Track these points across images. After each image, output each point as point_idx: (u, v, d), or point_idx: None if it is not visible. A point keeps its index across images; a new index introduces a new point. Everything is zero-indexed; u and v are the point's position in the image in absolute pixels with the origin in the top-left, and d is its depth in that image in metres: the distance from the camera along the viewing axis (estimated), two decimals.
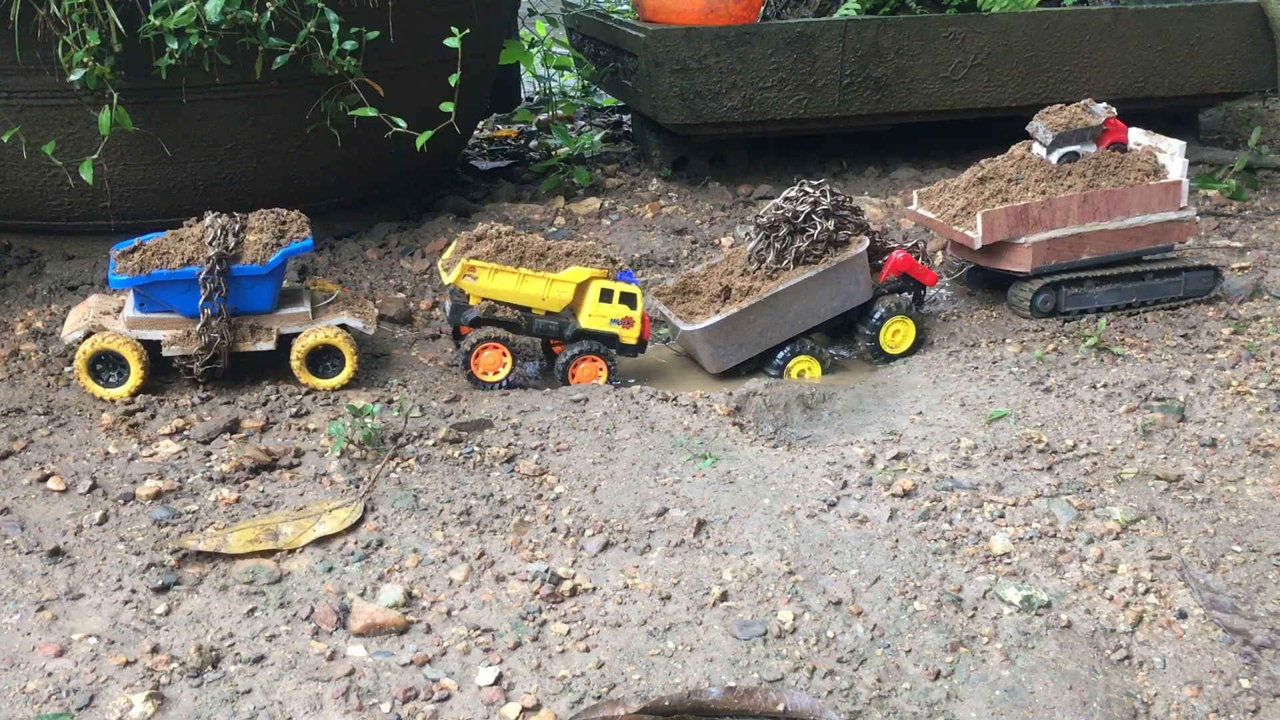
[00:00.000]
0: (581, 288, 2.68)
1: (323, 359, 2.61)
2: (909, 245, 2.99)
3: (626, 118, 5.15)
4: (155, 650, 1.79)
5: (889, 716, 1.65)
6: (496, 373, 2.68)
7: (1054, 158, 3.01)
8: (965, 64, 4.03)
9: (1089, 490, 2.17)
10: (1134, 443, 2.34)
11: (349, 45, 3.00)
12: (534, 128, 5.06)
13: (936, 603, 1.86)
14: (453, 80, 3.10)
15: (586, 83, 5.06)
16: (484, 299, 2.66)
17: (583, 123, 5.23)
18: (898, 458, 2.30)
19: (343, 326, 2.63)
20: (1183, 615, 1.83)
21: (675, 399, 2.58)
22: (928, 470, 2.25)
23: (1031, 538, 2.03)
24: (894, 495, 2.16)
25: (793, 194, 2.86)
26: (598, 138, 4.84)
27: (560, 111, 5.11)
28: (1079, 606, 1.86)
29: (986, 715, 1.65)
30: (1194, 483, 2.18)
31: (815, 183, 2.87)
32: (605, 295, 2.67)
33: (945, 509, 2.12)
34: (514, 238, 2.69)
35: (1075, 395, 2.53)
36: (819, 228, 2.78)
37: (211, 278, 2.49)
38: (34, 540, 2.05)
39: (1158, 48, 4.16)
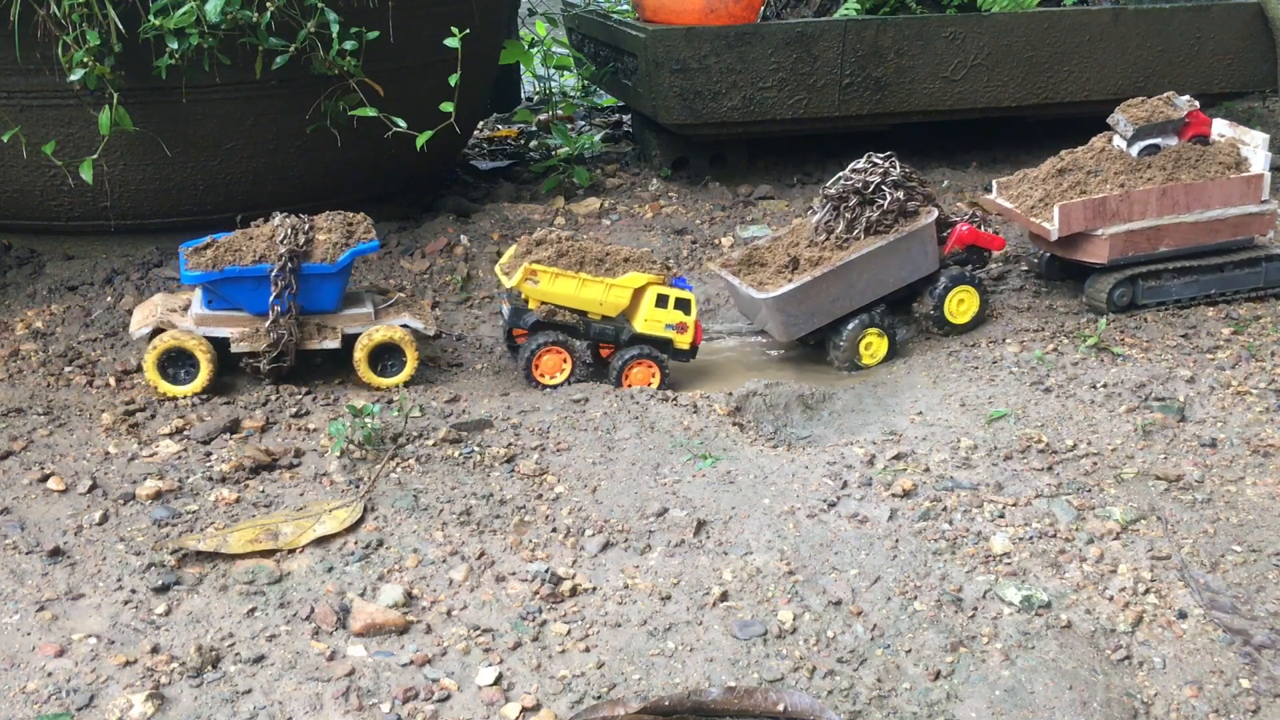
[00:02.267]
0: (638, 293, 2.71)
1: (384, 358, 2.64)
2: (969, 216, 3.01)
3: (626, 118, 5.15)
4: (155, 650, 1.79)
5: (889, 716, 1.65)
6: (555, 376, 2.69)
7: (1134, 150, 3.02)
8: (965, 64, 4.03)
9: (1089, 490, 2.17)
10: (1134, 443, 2.34)
11: (349, 45, 3.00)
12: (534, 128, 5.06)
13: (936, 603, 1.86)
14: (453, 80, 3.10)
15: (586, 83, 5.06)
16: (543, 303, 2.69)
17: (583, 123, 5.23)
18: (898, 458, 2.30)
19: (404, 327, 2.66)
20: (1183, 615, 1.83)
21: (675, 399, 2.58)
22: (928, 470, 2.25)
23: (1031, 538, 2.03)
24: (894, 495, 2.16)
25: (860, 165, 2.89)
26: (598, 138, 4.84)
27: (560, 111, 5.11)
28: (1079, 606, 1.85)
29: (986, 715, 1.65)
30: (1194, 483, 2.18)
31: (883, 155, 2.90)
32: (661, 300, 2.71)
33: (945, 509, 2.12)
34: (573, 243, 2.72)
35: (1075, 395, 2.53)
36: (889, 198, 2.81)
37: (283, 275, 2.52)
38: (34, 540, 2.05)
39: (1158, 48, 4.16)
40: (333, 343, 2.62)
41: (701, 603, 1.87)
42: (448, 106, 3.10)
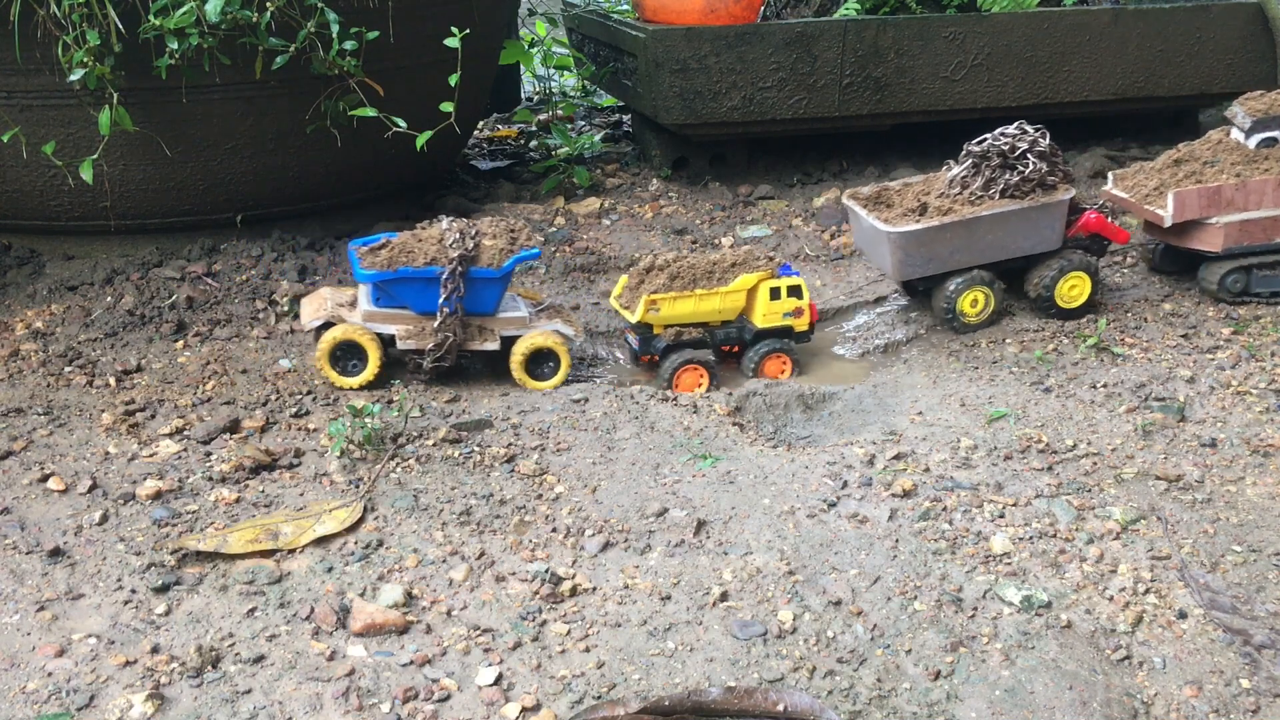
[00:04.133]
0: (751, 292, 2.80)
1: (539, 362, 2.72)
2: (1098, 206, 3.04)
3: (626, 118, 5.15)
4: (155, 650, 1.79)
5: (889, 716, 1.65)
6: (694, 391, 2.73)
7: (1251, 143, 3.03)
8: (965, 64, 4.03)
9: (1089, 490, 2.17)
10: (1134, 443, 2.34)
11: (349, 45, 3.00)
12: (534, 128, 5.06)
13: (936, 603, 1.86)
14: (453, 80, 3.10)
15: (586, 83, 5.06)
16: (666, 325, 2.78)
17: (583, 123, 5.23)
18: (898, 458, 2.30)
19: (557, 333, 2.73)
20: (1183, 615, 1.83)
21: (675, 399, 2.58)
22: (928, 470, 2.25)
23: (1031, 538, 2.03)
24: (894, 495, 2.16)
25: (1010, 131, 2.93)
26: (598, 138, 4.85)
27: (560, 111, 5.12)
28: (1079, 606, 1.85)
29: (986, 715, 1.65)
30: (1194, 483, 2.18)
31: (1035, 126, 2.94)
32: (774, 293, 2.80)
33: (945, 509, 2.12)
34: (682, 263, 2.79)
35: (1075, 395, 2.53)
36: (1032, 165, 2.85)
37: (452, 279, 2.60)
38: (34, 540, 2.05)
39: (1158, 48, 4.16)
40: (493, 345, 2.71)
41: (701, 603, 1.87)
42: (448, 106, 3.10)
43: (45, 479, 2.25)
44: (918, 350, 2.92)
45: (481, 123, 5.07)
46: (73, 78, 2.83)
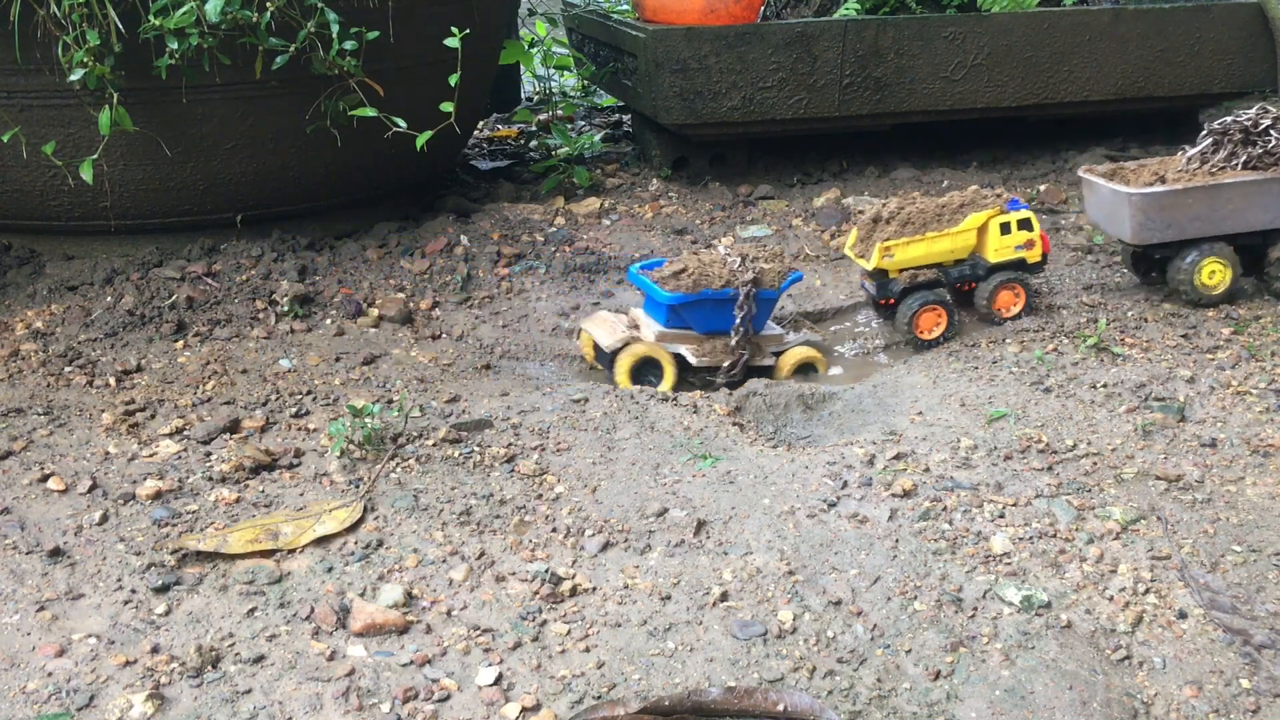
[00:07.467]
0: (981, 230, 2.90)
1: (802, 372, 2.86)
2: None
3: (626, 118, 5.15)
4: (155, 650, 1.79)
5: (889, 716, 1.65)
6: (933, 331, 2.90)
7: None
8: (965, 64, 4.03)
9: (1089, 490, 2.17)
10: (1134, 443, 2.34)
11: (349, 45, 3.00)
12: (534, 128, 5.06)
13: (936, 603, 1.86)
14: (453, 80, 3.10)
15: (586, 83, 5.06)
16: (902, 270, 2.90)
17: (583, 123, 5.24)
18: (898, 458, 2.30)
19: (809, 344, 2.90)
20: (1183, 615, 1.83)
21: (675, 399, 2.58)
22: (928, 470, 2.25)
23: (1031, 538, 2.03)
24: (894, 495, 2.16)
25: (1251, 110, 2.98)
26: (598, 138, 4.84)
27: (560, 111, 5.12)
28: (1079, 606, 1.86)
29: (986, 715, 1.65)
30: (1194, 483, 2.18)
31: (1275, 107, 2.98)
32: (1004, 228, 2.90)
33: (945, 509, 2.12)
34: (910, 209, 2.89)
35: (1075, 395, 2.53)
36: (1275, 140, 2.90)
37: (749, 300, 2.76)
38: (34, 540, 2.05)
39: (1158, 48, 4.16)
40: (769, 360, 2.84)
41: (701, 603, 1.87)
42: (448, 106, 3.10)
43: (45, 479, 2.25)
44: (918, 350, 2.92)
45: (481, 123, 5.07)
46: (73, 78, 2.83)
